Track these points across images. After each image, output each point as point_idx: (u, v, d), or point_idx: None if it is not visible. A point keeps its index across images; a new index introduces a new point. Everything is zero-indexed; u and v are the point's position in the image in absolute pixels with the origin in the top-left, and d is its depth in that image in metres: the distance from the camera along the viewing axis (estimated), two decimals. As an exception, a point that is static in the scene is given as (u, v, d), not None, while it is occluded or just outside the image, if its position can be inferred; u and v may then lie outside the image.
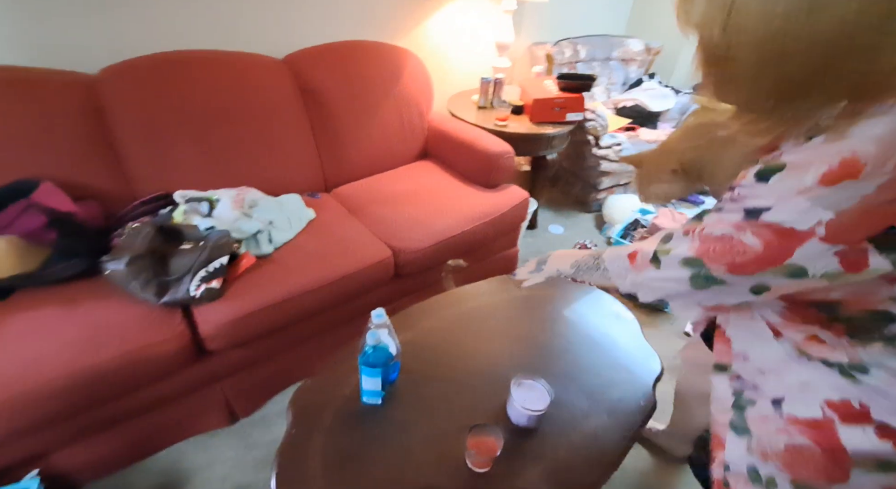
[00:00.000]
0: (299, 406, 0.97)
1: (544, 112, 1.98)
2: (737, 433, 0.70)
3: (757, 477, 0.67)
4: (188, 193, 1.40)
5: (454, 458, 0.88)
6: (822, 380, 0.60)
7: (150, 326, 1.08)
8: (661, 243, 0.66)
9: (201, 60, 1.47)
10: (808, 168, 0.50)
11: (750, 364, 0.69)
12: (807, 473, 0.62)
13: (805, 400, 0.61)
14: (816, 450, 0.61)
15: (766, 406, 0.66)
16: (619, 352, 1.13)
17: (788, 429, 0.63)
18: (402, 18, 1.97)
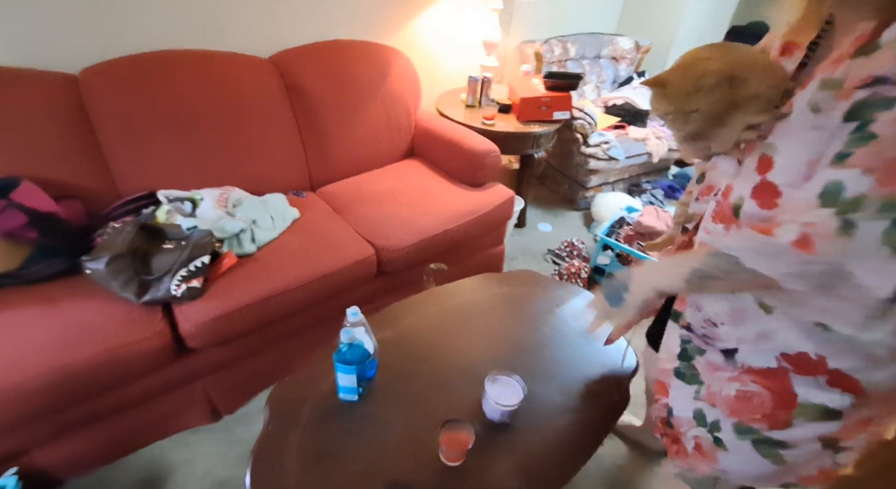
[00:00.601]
0: (277, 402, 0.98)
1: (531, 111, 1.99)
2: (683, 380, 0.75)
3: (703, 420, 0.73)
4: (171, 193, 1.40)
5: (428, 453, 0.89)
6: (781, 329, 0.61)
7: (131, 325, 1.09)
8: (829, 204, 0.50)
9: (186, 60, 1.47)
10: None
11: (701, 315, 0.70)
12: (751, 417, 0.66)
13: (760, 351, 0.64)
14: (767, 396, 0.64)
15: (716, 356, 0.69)
16: (595, 347, 1.15)
17: (741, 377, 0.66)
18: (390, 17, 1.97)
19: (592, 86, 2.74)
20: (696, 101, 0.65)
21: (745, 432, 0.68)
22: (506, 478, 0.87)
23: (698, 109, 0.66)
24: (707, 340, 0.70)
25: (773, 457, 0.67)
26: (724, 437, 0.71)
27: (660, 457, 1.31)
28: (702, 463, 0.76)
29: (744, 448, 0.69)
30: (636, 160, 2.45)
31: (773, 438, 0.66)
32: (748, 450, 0.68)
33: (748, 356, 0.65)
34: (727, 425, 0.70)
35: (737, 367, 0.67)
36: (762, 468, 0.69)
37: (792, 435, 0.65)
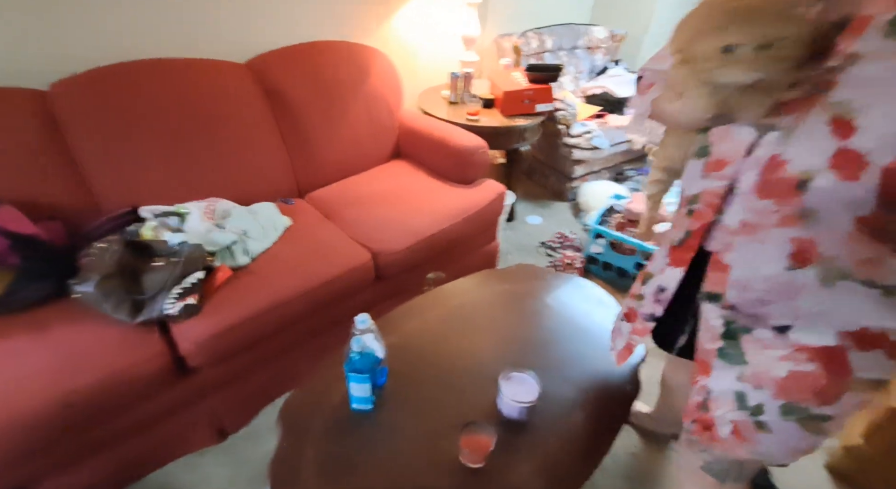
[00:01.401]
0: (289, 418, 0.96)
1: (515, 104, 1.99)
2: (727, 361, 0.71)
3: (744, 402, 0.69)
4: (156, 208, 1.35)
5: (448, 457, 0.89)
6: (842, 304, 0.58)
7: (128, 347, 1.05)
8: None
9: (160, 69, 1.42)
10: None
11: (750, 294, 0.65)
12: (800, 396, 0.64)
13: (817, 328, 0.61)
14: (822, 374, 0.62)
15: (765, 333, 0.65)
16: (603, 338, 1.16)
17: (795, 356, 0.63)
18: (367, 16, 1.94)
19: (571, 77, 2.75)
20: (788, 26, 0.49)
21: (792, 412, 0.66)
22: (529, 479, 0.87)
23: (772, 43, 0.49)
24: (756, 319, 0.66)
25: (816, 430, 0.66)
26: (767, 419, 0.68)
27: (670, 443, 1.33)
28: (738, 447, 0.73)
29: (789, 428, 0.67)
30: (619, 148, 2.48)
31: (819, 413, 0.64)
32: (793, 430, 0.67)
33: (802, 333, 0.62)
34: (773, 407, 0.67)
35: (789, 345, 0.64)
36: (804, 442, 0.68)
37: (838, 408, 0.63)
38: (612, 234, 1.87)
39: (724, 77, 0.55)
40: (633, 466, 1.29)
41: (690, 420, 0.80)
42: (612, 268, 1.93)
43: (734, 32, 0.51)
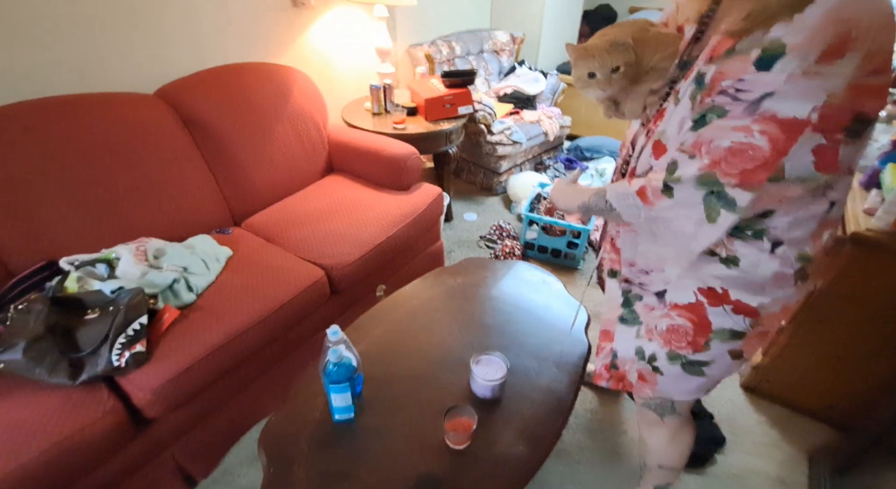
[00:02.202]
0: (270, 443, 0.95)
1: (437, 109, 2.09)
2: (626, 324, 0.88)
3: (642, 354, 0.87)
4: (77, 258, 1.25)
5: (435, 444, 0.94)
6: (695, 270, 0.74)
7: (74, 410, 0.97)
8: (668, 173, 0.66)
9: (62, 107, 1.30)
10: (809, 47, 0.51)
11: (636, 267, 0.83)
12: (678, 345, 0.81)
13: (681, 289, 0.77)
14: (689, 327, 0.78)
15: (651, 299, 0.83)
16: (552, 312, 1.28)
17: (670, 313, 0.80)
18: (278, 35, 1.92)
19: (482, 79, 2.92)
20: (615, 57, 0.72)
21: (675, 358, 0.82)
22: (512, 446, 0.95)
23: (619, 68, 0.72)
24: (643, 287, 0.83)
25: (698, 373, 0.82)
26: (660, 365, 0.85)
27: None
28: (645, 388, 0.90)
29: (676, 370, 0.83)
30: (536, 141, 2.69)
31: (696, 359, 0.80)
32: (679, 372, 0.83)
33: (673, 295, 0.79)
34: (662, 354, 0.83)
35: (666, 305, 0.80)
36: (691, 383, 0.84)
37: (709, 355, 0.79)
38: (542, 220, 2.03)
39: (589, 95, 0.79)
40: (592, 420, 1.43)
41: (603, 381, 0.95)
42: (548, 251, 2.09)
43: (589, 64, 0.75)
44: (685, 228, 0.68)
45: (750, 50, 0.56)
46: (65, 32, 1.35)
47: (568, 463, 1.31)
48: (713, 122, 0.61)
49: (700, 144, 0.62)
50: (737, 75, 0.57)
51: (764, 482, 1.26)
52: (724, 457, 1.31)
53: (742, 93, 0.57)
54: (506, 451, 0.94)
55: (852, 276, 1.14)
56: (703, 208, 0.64)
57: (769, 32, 0.54)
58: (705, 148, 0.62)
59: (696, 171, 0.63)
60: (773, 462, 1.30)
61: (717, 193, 0.62)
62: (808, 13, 0.51)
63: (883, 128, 1.31)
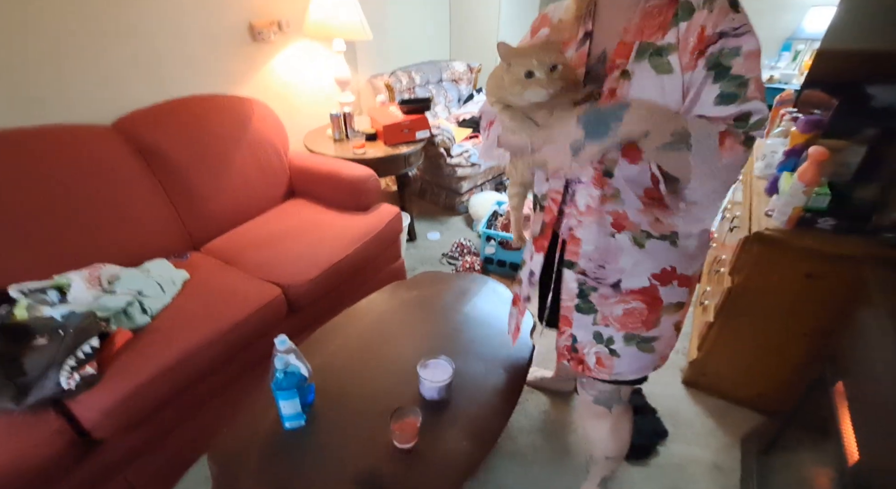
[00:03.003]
0: (220, 458, 0.97)
1: (395, 135, 2.20)
2: (582, 313, 0.92)
3: (600, 338, 0.92)
4: (26, 285, 1.25)
5: (383, 445, 0.98)
6: (650, 258, 0.82)
7: (19, 433, 0.97)
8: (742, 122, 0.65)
9: (11, 141, 1.33)
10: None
11: (592, 262, 0.87)
12: (634, 326, 0.88)
13: (636, 275, 0.84)
14: (643, 308, 0.86)
15: (606, 290, 0.88)
16: (501, 319, 1.35)
17: (625, 298, 0.86)
18: (238, 68, 2.01)
19: (442, 106, 3.08)
20: (551, 55, 0.69)
21: (631, 339, 0.89)
22: (456, 442, 1.00)
23: (557, 66, 0.68)
24: (598, 280, 0.88)
25: (649, 350, 0.90)
26: (616, 347, 0.91)
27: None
28: (602, 372, 0.96)
29: (631, 351, 0.90)
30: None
31: (648, 336, 0.88)
32: (634, 352, 0.90)
33: (628, 282, 0.85)
34: (618, 337, 0.90)
35: (621, 293, 0.86)
36: (643, 361, 0.91)
37: (659, 330, 0.88)
38: (499, 235, 2.13)
39: (530, 95, 0.70)
40: (545, 421, 1.48)
41: (565, 360, 1.00)
42: (506, 264, 2.18)
43: (526, 63, 0.68)
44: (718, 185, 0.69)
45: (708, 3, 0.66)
46: (24, 63, 1.39)
47: (522, 463, 1.35)
48: (736, 62, 0.64)
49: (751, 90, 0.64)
50: (720, 21, 0.65)
51: (702, 469, 1.33)
52: (666, 448, 1.39)
53: (739, 29, 0.64)
54: (451, 448, 0.99)
55: (760, 272, 1.27)
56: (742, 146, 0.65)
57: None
58: (754, 85, 0.65)
59: (760, 105, 0.65)
60: (709, 450, 1.38)
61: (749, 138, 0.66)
62: None
63: (781, 141, 1.48)
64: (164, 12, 1.69)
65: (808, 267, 1.21)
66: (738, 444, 1.39)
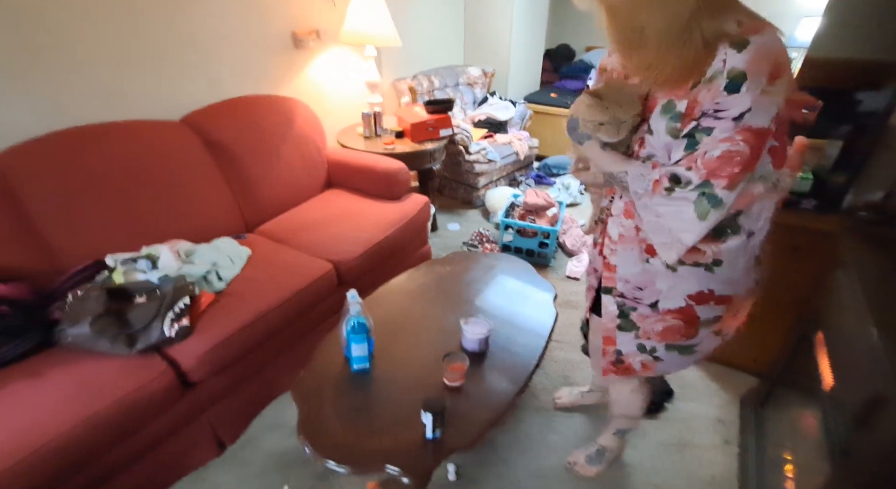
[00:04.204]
0: (302, 391, 1.16)
1: (422, 132, 2.40)
2: (625, 331, 1.01)
3: (644, 349, 1.01)
4: (119, 256, 1.45)
5: (436, 384, 1.17)
6: (684, 281, 0.87)
7: (134, 372, 1.16)
8: (671, 181, 0.76)
9: (103, 133, 1.54)
10: (759, 71, 0.68)
11: (629, 285, 0.95)
12: (674, 338, 0.96)
13: (672, 298, 0.90)
14: (681, 324, 0.92)
15: (645, 310, 0.95)
16: (526, 290, 1.55)
17: (664, 318, 0.94)
18: (282, 72, 2.22)
19: (459, 108, 3.29)
20: (627, 111, 0.82)
21: (672, 347, 0.96)
22: (496, 383, 1.19)
23: (626, 121, 0.82)
24: (637, 301, 0.94)
25: (690, 353, 0.98)
26: (659, 355, 0.99)
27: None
28: (648, 372, 1.05)
29: (673, 356, 0.98)
30: (508, 159, 3.03)
31: (689, 344, 0.96)
32: (676, 356, 0.98)
33: (665, 303, 0.91)
34: (660, 347, 0.97)
35: (659, 312, 0.92)
36: (685, 361, 1.01)
37: (698, 339, 0.94)
38: (517, 223, 2.33)
39: (602, 137, 0.87)
40: (564, 383, 1.67)
41: (611, 374, 1.09)
42: (523, 251, 2.38)
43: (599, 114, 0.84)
44: (675, 222, 0.78)
45: (713, 80, 0.71)
46: (98, 66, 1.59)
47: (545, 416, 1.54)
48: (703, 140, 0.73)
49: (695, 158, 0.73)
50: (712, 101, 0.71)
51: (705, 422, 1.52)
52: (673, 405, 1.58)
53: (722, 112, 0.70)
54: (491, 387, 1.18)
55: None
56: (693, 208, 0.75)
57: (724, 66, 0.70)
58: (700, 161, 0.73)
59: (697, 180, 0.73)
60: (712, 407, 1.57)
61: (707, 195, 0.73)
62: (748, 50, 0.68)
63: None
64: (219, 23, 1.91)
65: (795, 242, 1.41)
66: (737, 402, 1.58)
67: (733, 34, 0.69)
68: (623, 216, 0.92)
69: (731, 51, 0.69)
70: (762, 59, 0.68)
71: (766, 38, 0.69)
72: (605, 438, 1.37)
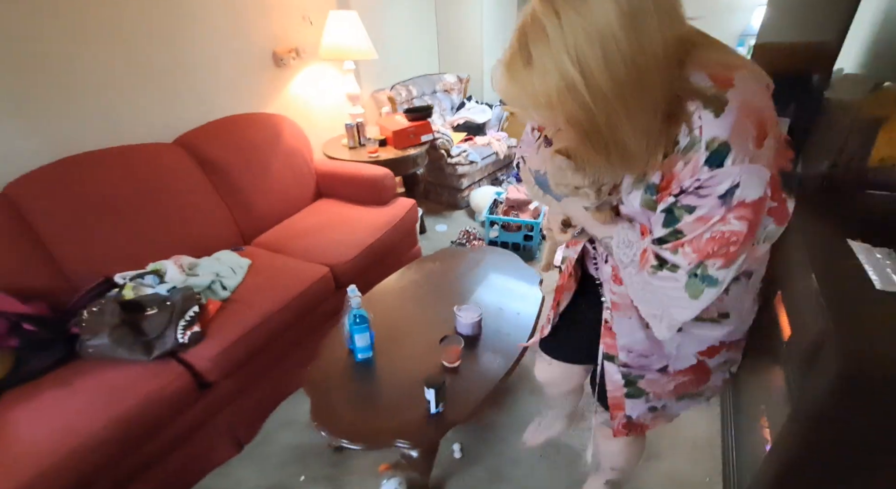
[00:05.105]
0: (313, 381, 1.26)
1: (404, 139, 2.52)
2: (634, 397, 0.92)
3: (655, 409, 0.93)
4: (127, 273, 1.53)
5: (434, 366, 1.28)
6: (692, 339, 0.80)
7: (154, 376, 1.25)
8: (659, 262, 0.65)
9: (102, 158, 1.63)
10: (745, 137, 0.55)
11: (633, 354, 0.86)
12: (685, 391, 0.89)
13: (682, 358, 0.83)
14: (693, 378, 0.86)
15: (653, 375, 0.87)
16: (514, 278, 1.66)
17: (675, 377, 0.86)
18: (265, 89, 2.32)
19: (438, 114, 3.41)
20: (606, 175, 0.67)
21: (685, 397, 0.90)
22: (489, 361, 1.30)
23: (608, 183, 0.68)
24: (643, 369, 0.87)
25: (700, 396, 0.92)
26: (671, 407, 0.93)
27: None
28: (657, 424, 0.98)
29: (686, 403, 0.92)
30: (489, 160, 3.16)
31: (700, 391, 0.89)
32: (686, 403, 0.92)
33: (675, 365, 0.84)
34: (671, 402, 0.91)
35: (669, 374, 0.85)
36: (694, 404, 0.94)
37: (710, 384, 0.89)
38: (501, 219, 2.45)
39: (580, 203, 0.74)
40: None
41: (621, 435, 0.99)
42: (509, 245, 2.50)
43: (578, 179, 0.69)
44: (665, 299, 0.68)
45: (689, 151, 0.58)
46: (94, 95, 1.67)
47: (538, 394, 1.65)
48: (685, 219, 0.61)
49: (681, 242, 0.62)
50: (692, 176, 0.59)
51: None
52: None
53: (705, 189, 0.58)
54: (485, 365, 1.29)
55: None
56: (684, 288, 0.64)
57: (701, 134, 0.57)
58: (688, 246, 0.62)
59: (687, 266, 0.63)
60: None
61: (701, 276, 0.63)
62: (727, 112, 0.55)
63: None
64: (203, 48, 2.00)
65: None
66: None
67: (706, 90, 0.57)
68: (613, 281, 0.82)
69: (706, 114, 0.56)
70: (745, 120, 0.56)
71: (746, 89, 0.57)
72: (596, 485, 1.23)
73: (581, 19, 0.50)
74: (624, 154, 0.59)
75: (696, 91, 0.57)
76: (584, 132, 0.58)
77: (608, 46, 0.51)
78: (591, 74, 0.52)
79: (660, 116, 0.57)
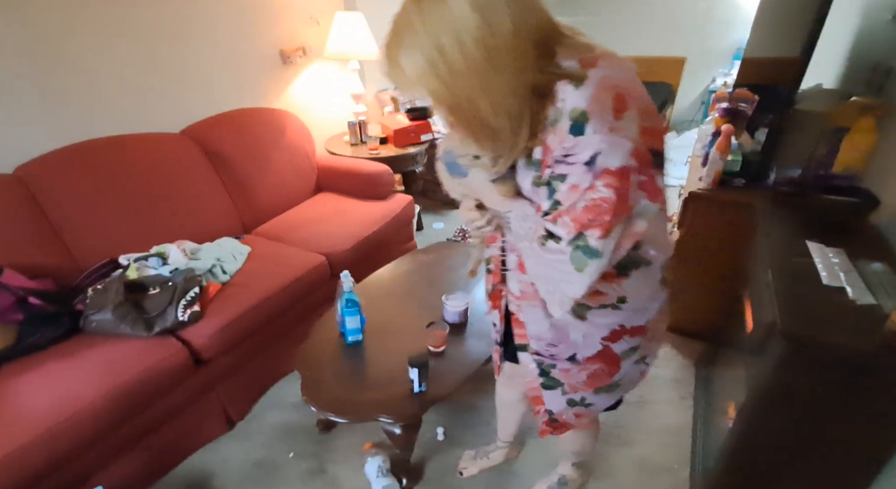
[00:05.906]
0: (304, 361, 1.33)
1: (404, 137, 2.60)
2: (550, 389, 0.93)
3: (574, 402, 0.94)
4: (131, 256, 1.61)
5: (421, 349, 1.34)
6: (596, 327, 0.82)
7: (153, 350, 1.32)
8: (543, 237, 0.70)
9: (111, 145, 1.71)
10: (603, 108, 0.60)
11: (542, 342, 0.88)
12: (600, 382, 0.90)
13: (589, 346, 0.85)
14: (604, 366, 0.88)
15: (564, 365, 0.89)
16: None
17: (586, 366, 0.88)
18: (272, 86, 2.41)
19: (439, 115, 3.50)
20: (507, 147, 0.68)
21: (602, 390, 0.91)
22: (474, 346, 1.37)
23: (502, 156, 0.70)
24: (554, 357, 0.88)
25: (617, 389, 0.93)
26: (591, 401, 0.93)
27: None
28: (581, 421, 1.00)
29: (604, 396, 0.93)
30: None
31: (614, 382, 0.90)
32: (605, 397, 0.93)
33: (583, 353, 0.86)
34: (589, 394, 0.92)
35: (580, 363, 0.87)
36: (615, 397, 0.95)
37: (621, 373, 0.89)
38: (495, 218, 2.53)
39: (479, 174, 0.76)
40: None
41: (549, 434, 1.02)
42: (502, 243, 2.57)
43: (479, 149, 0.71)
44: (556, 273, 0.71)
45: (557, 122, 0.64)
46: (108, 86, 1.76)
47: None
48: (560, 189, 0.66)
49: (559, 214, 0.67)
50: (560, 145, 0.64)
51: (664, 382, 1.71)
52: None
53: (571, 156, 0.63)
54: (469, 349, 1.36)
55: (697, 224, 1.67)
56: (570, 260, 0.68)
57: (565, 106, 0.63)
58: (567, 216, 0.66)
59: (567, 235, 0.67)
60: (669, 369, 1.76)
61: (582, 247, 0.66)
62: (586, 85, 0.62)
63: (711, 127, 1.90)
64: (214, 45, 2.09)
65: (729, 216, 1.62)
66: (692, 364, 1.78)
67: (572, 70, 0.63)
68: (519, 270, 0.85)
69: (568, 87, 0.63)
70: (603, 93, 0.62)
71: (607, 67, 0.63)
72: (565, 468, 1.32)
73: (438, 6, 0.59)
74: (488, 132, 0.66)
75: (563, 73, 0.63)
76: (449, 109, 0.65)
77: (460, 28, 0.58)
78: (446, 53, 0.59)
79: (520, 99, 0.63)
